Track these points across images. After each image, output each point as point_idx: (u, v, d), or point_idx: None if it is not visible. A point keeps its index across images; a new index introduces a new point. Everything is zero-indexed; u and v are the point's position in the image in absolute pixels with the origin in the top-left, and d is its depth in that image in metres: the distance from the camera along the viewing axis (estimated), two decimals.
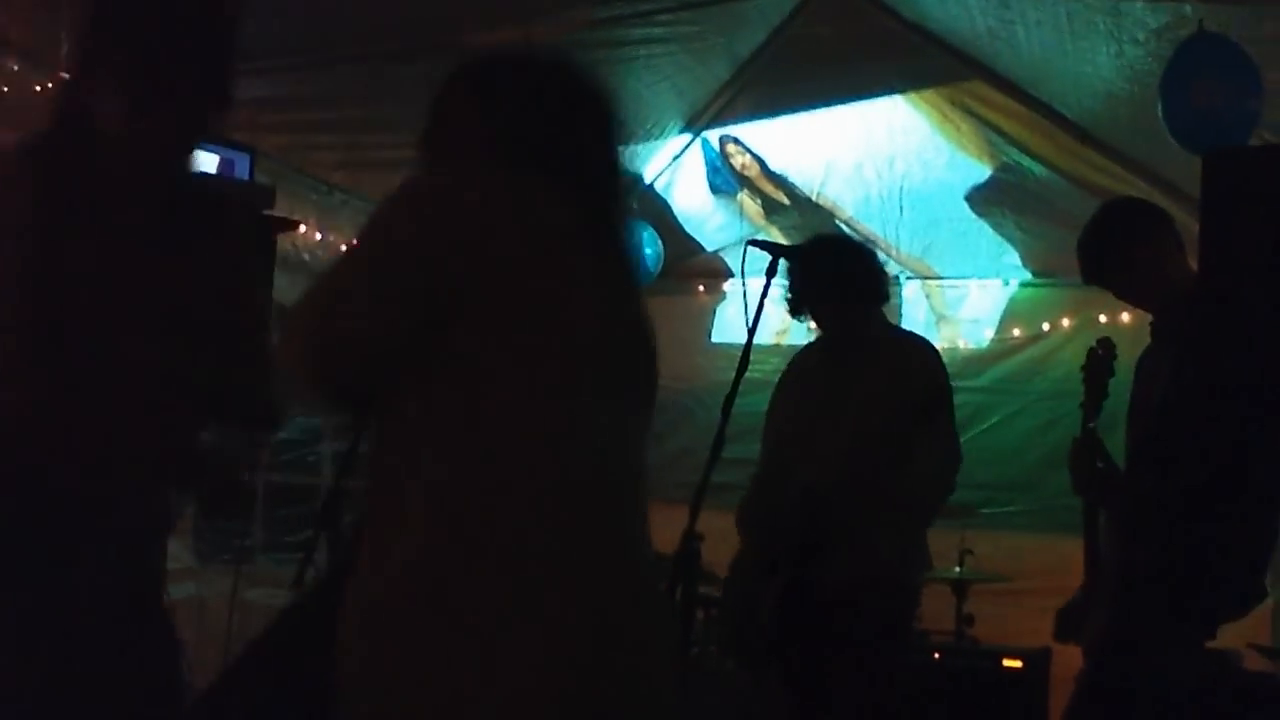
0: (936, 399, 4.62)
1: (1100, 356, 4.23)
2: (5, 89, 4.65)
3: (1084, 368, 4.25)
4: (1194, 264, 3.99)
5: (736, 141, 7.33)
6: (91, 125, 2.65)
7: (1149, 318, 4.26)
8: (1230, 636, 5.64)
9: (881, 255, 6.93)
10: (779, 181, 7.48)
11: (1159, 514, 3.94)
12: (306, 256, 6.02)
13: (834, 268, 4.74)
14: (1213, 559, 3.85)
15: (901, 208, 7.38)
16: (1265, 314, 3.45)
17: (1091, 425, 4.17)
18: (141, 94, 2.62)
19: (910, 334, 5.19)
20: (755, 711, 5.34)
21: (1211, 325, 3.68)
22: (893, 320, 5.71)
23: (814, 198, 7.48)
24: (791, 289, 4.76)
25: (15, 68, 4.60)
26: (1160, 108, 4.79)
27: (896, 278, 7.36)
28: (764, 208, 7.62)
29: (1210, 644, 4.20)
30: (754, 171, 7.47)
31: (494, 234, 2.20)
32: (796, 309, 4.71)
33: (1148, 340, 4.24)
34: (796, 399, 4.87)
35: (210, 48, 2.75)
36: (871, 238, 7.37)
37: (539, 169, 2.33)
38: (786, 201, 7.55)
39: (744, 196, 7.59)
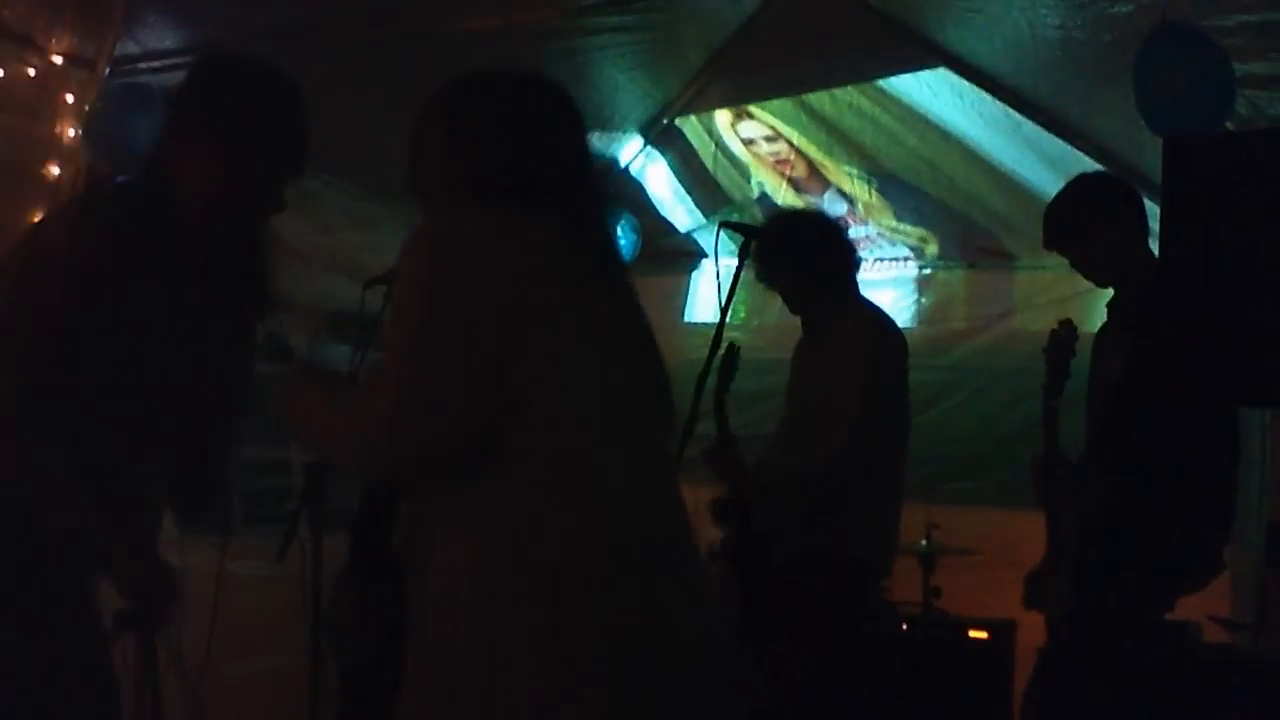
0: (872, 375, 4.66)
1: (1062, 337, 4.26)
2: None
3: (1046, 349, 4.28)
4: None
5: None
6: (172, 185, 2.76)
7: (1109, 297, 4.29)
8: (1190, 609, 5.70)
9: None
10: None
11: (1117, 491, 3.98)
12: (285, 238, 6.00)
13: (795, 246, 4.76)
14: (1168, 535, 3.89)
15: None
16: (1222, 296, 3.49)
17: (1053, 404, 4.20)
18: (229, 162, 2.75)
19: (870, 310, 4.99)
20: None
21: (1169, 308, 3.72)
22: None
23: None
24: (759, 270, 4.77)
25: (7, 51, 4.55)
26: (1132, 95, 4.81)
27: None
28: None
29: (1170, 616, 4.25)
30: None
31: (537, 283, 2.27)
32: (764, 280, 4.76)
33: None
34: (787, 382, 4.91)
35: (295, 130, 2.89)
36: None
37: (534, 203, 2.38)
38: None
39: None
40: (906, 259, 7.78)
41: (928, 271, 7.74)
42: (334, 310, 6.23)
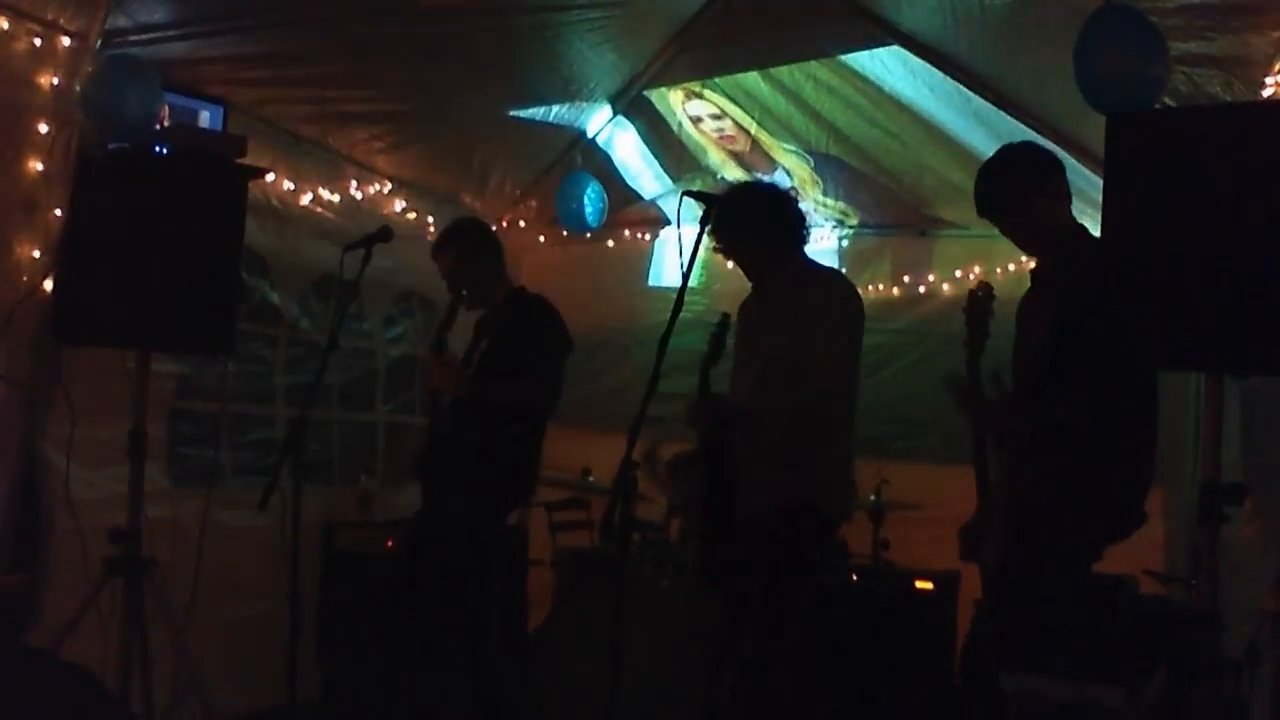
0: (849, 326, 4.76)
1: (979, 299, 4.31)
2: None
3: (965, 309, 4.34)
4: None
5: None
6: None
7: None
8: (1126, 563, 5.76)
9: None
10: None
11: (1043, 446, 4.01)
12: (275, 203, 5.98)
13: (750, 215, 4.80)
14: (1092, 488, 3.93)
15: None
16: (1157, 264, 3.51)
17: (975, 363, 4.23)
18: None
19: (827, 269, 5.26)
20: (686, 624, 5.41)
21: (1102, 274, 3.74)
22: None
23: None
24: (715, 238, 4.79)
25: (4, 25, 4.52)
26: (1074, 73, 4.83)
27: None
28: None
29: (1108, 569, 4.30)
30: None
31: None
32: (720, 250, 4.83)
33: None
34: (739, 345, 4.92)
35: None
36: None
37: None
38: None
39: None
40: (833, 229, 7.86)
41: (845, 243, 7.82)
42: (317, 274, 6.22)
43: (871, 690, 5.49)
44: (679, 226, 4.58)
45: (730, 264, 5.16)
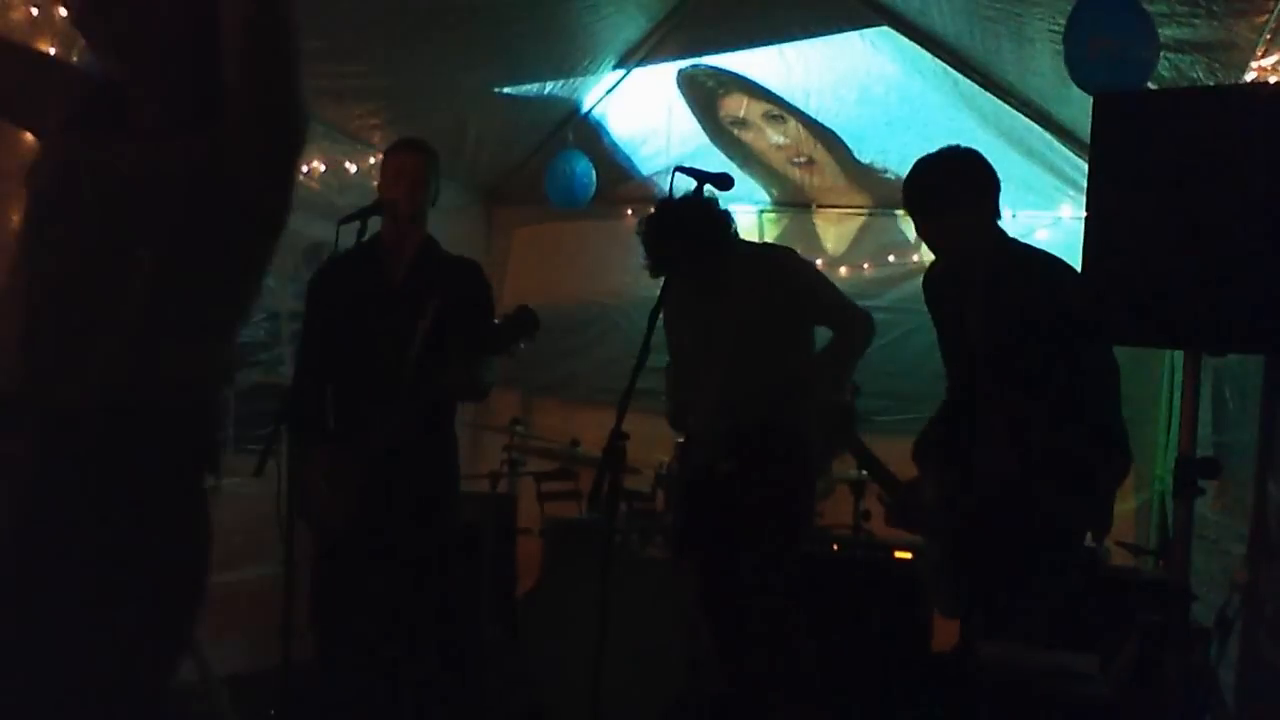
0: (804, 297, 4.84)
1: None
2: None
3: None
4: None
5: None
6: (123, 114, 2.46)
7: None
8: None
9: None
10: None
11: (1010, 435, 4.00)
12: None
13: (692, 234, 4.83)
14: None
15: None
16: (1141, 244, 3.51)
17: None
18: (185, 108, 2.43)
19: (772, 245, 5.64)
20: (673, 595, 5.43)
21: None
22: None
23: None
24: (650, 259, 4.85)
25: None
26: (1063, 54, 4.84)
27: None
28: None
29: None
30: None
31: None
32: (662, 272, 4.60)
33: None
34: (689, 314, 4.90)
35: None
36: None
37: None
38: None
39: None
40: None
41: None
42: (306, 246, 6.19)
43: (850, 658, 5.50)
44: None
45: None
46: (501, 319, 4.43)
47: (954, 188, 4.04)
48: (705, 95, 7.44)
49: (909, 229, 7.62)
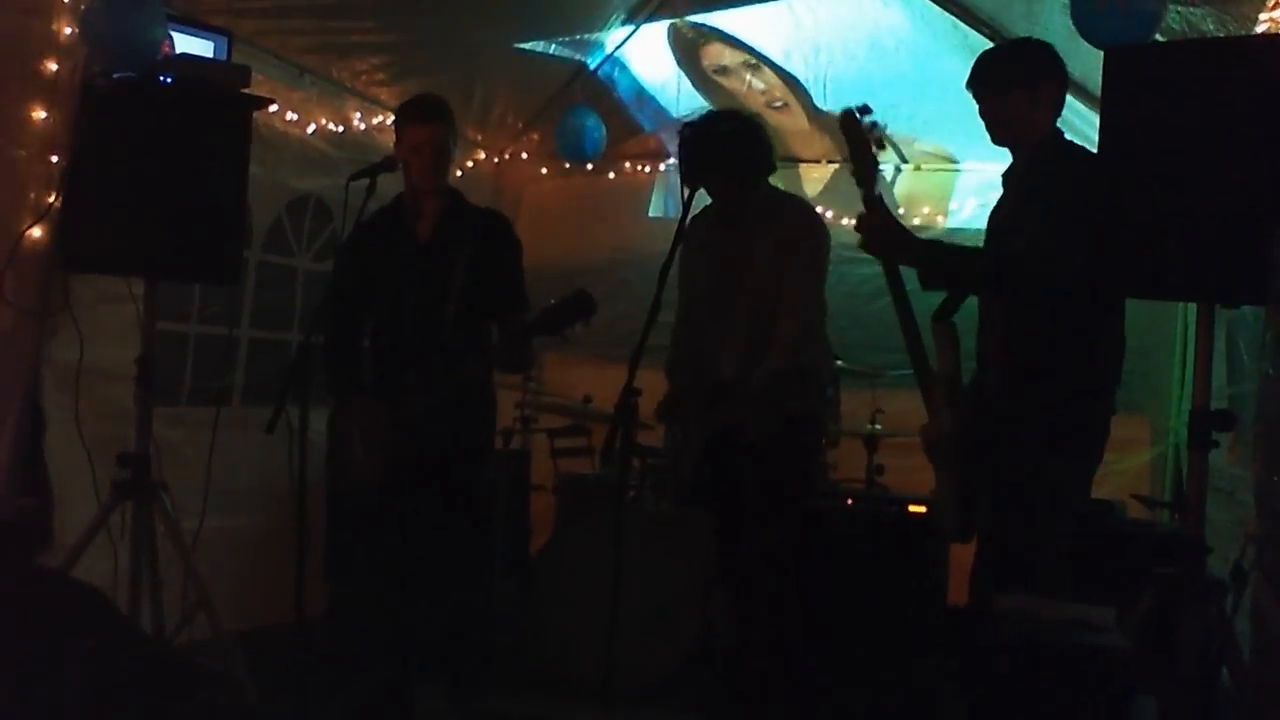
0: (814, 253, 4.77)
1: (853, 121, 4.12)
2: None
3: (841, 128, 4.17)
4: None
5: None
6: None
7: None
8: (1113, 488, 5.75)
9: None
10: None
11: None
12: (280, 129, 5.91)
13: (722, 142, 4.69)
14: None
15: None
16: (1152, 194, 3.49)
17: (870, 193, 4.13)
18: None
19: (791, 196, 5.25)
20: (685, 548, 5.43)
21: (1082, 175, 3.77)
22: None
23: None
24: (683, 163, 4.73)
25: None
26: (1070, 8, 4.80)
27: None
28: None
29: (1097, 494, 4.30)
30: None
31: None
32: (691, 182, 4.41)
33: None
34: (702, 264, 4.86)
35: None
36: None
37: None
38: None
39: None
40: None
41: None
42: (292, 199, 6.14)
43: (865, 612, 5.50)
44: (679, 158, 4.58)
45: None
46: (558, 300, 4.43)
47: (1016, 67, 4.19)
48: (688, 45, 7.39)
49: (920, 183, 7.61)
